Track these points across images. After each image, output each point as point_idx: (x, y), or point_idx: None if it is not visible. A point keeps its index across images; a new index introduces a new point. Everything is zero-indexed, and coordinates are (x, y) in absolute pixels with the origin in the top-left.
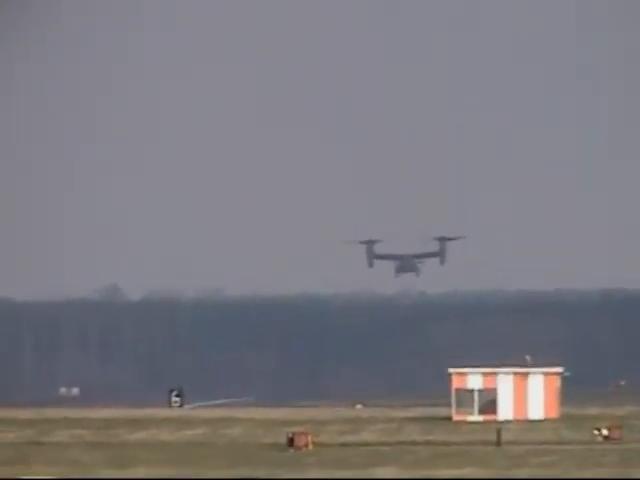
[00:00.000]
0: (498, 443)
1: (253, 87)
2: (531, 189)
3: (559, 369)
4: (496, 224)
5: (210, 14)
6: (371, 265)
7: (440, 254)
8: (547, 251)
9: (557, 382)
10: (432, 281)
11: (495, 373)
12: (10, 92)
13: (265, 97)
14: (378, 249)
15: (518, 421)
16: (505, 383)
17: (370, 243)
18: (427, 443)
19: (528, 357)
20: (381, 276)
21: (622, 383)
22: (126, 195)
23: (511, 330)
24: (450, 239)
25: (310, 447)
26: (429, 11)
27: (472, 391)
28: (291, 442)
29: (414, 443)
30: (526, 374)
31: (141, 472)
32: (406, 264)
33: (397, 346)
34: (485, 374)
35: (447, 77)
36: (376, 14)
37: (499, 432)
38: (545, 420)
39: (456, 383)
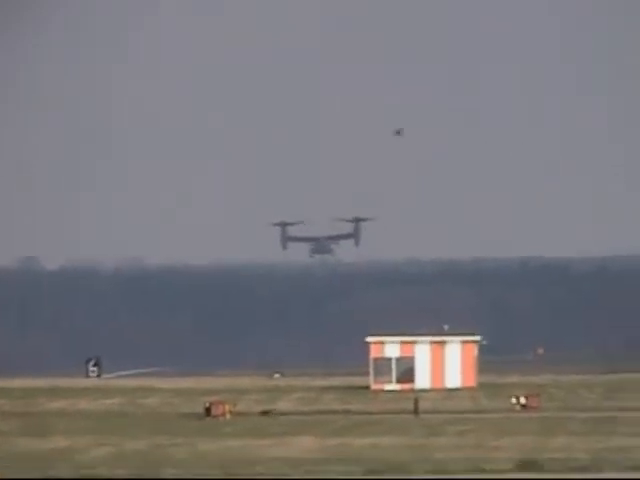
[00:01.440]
0: (416, 412)
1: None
2: (446, 159)
3: (476, 337)
4: (410, 200)
5: (210, 14)
6: (285, 247)
7: (354, 235)
8: (465, 220)
9: (474, 350)
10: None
11: (413, 342)
12: (10, 90)
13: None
14: (292, 231)
15: (436, 390)
16: (423, 351)
17: (283, 225)
18: (345, 412)
19: (446, 326)
20: (295, 258)
21: (540, 352)
22: (46, 162)
23: (429, 299)
24: (364, 220)
25: (227, 416)
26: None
27: (390, 360)
28: (208, 411)
29: (332, 412)
30: (443, 342)
31: (60, 441)
32: (320, 246)
33: (315, 315)
34: (403, 342)
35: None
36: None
37: (416, 401)
38: (463, 389)
39: (374, 352)
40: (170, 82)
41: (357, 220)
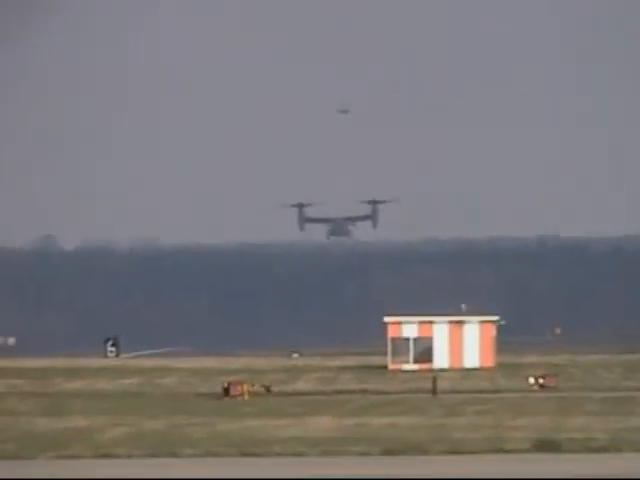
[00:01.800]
0: (434, 392)
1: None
2: (461, 139)
3: (495, 317)
4: (427, 183)
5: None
6: (302, 228)
7: (372, 217)
8: (482, 199)
9: (493, 330)
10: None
11: (431, 322)
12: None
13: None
14: (309, 213)
15: (454, 370)
16: (441, 331)
17: (301, 206)
18: (362, 392)
19: (463, 306)
20: (313, 239)
21: (558, 331)
22: (62, 144)
23: (447, 279)
24: (381, 202)
25: (246, 396)
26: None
27: (408, 340)
28: (226, 391)
29: (349, 392)
30: (462, 322)
31: (79, 421)
32: (338, 227)
33: (333, 295)
34: (421, 323)
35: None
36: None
37: (435, 381)
38: (481, 369)
39: (392, 332)
40: (170, 82)
41: (375, 202)
